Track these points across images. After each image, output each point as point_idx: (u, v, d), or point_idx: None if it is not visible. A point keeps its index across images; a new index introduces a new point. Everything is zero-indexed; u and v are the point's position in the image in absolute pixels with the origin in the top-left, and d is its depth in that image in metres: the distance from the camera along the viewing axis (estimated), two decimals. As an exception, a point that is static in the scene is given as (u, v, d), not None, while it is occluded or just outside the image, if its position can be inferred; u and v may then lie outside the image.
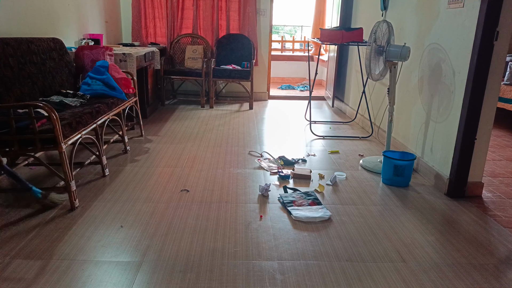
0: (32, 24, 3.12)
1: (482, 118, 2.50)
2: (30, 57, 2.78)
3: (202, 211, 2.33)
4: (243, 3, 5.47)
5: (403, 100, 3.38)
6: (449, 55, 2.67)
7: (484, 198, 2.64)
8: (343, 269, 1.81)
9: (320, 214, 2.28)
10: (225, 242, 2.00)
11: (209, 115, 4.81)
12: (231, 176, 2.86)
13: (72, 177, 2.29)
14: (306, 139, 3.92)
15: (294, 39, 9.32)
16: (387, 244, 2.03)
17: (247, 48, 5.53)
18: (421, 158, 3.03)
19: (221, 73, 5.18)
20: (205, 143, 3.64)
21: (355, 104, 4.69)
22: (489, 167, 3.26)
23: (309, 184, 2.78)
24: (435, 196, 2.64)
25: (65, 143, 2.25)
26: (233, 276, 1.73)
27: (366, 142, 3.87)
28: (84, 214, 2.24)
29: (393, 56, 2.83)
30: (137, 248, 1.92)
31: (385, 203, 2.51)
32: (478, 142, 2.54)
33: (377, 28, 2.86)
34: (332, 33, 3.79)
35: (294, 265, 1.83)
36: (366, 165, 3.13)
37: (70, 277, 1.69)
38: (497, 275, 1.80)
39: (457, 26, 2.57)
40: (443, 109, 2.74)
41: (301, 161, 3.25)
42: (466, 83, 2.48)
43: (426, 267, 1.84)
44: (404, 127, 3.36)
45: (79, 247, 1.92)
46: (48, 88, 2.93)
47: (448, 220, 2.32)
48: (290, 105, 5.65)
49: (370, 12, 4.26)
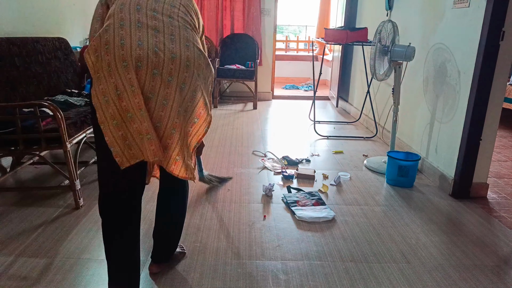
0: (38, 23, 3.14)
1: (488, 118, 2.48)
2: (35, 57, 2.80)
3: (205, 210, 2.33)
4: (247, 3, 5.47)
5: (407, 100, 3.37)
6: (454, 55, 2.65)
7: (489, 199, 2.63)
8: (347, 269, 1.81)
9: (323, 214, 2.28)
10: (229, 242, 2.00)
11: (213, 115, 4.80)
12: (235, 176, 2.87)
13: (76, 176, 2.30)
14: (310, 139, 3.91)
15: (299, 39, 9.31)
16: (391, 245, 2.02)
17: (251, 48, 5.53)
18: (425, 158, 3.01)
19: (225, 73, 5.18)
20: (209, 143, 3.64)
21: (360, 104, 4.68)
22: (494, 168, 3.24)
23: (313, 184, 2.78)
24: (439, 197, 2.63)
25: (70, 142, 2.26)
26: (237, 276, 1.74)
27: (370, 142, 3.86)
28: (89, 213, 2.25)
29: (398, 56, 2.81)
30: (141, 247, 1.92)
31: (389, 204, 2.50)
32: (483, 143, 2.53)
33: (381, 28, 2.85)
34: (337, 33, 3.78)
35: (298, 265, 1.82)
36: (370, 165, 3.12)
37: (75, 276, 1.70)
38: (502, 276, 1.79)
39: (463, 26, 2.56)
40: (448, 109, 2.73)
41: (305, 161, 3.24)
42: (471, 84, 2.47)
43: (431, 268, 1.83)
44: (408, 127, 3.35)
45: (84, 245, 1.93)
46: (53, 87, 2.94)
47: (452, 221, 2.31)
48: (294, 105, 5.64)
49: (375, 12, 4.25)
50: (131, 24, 1.31)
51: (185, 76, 1.36)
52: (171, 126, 1.37)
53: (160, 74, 1.31)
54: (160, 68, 1.31)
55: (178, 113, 1.37)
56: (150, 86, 1.31)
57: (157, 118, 1.34)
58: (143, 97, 1.30)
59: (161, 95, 1.33)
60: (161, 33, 1.34)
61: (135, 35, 1.30)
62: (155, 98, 1.33)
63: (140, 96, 1.29)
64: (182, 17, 1.42)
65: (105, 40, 1.28)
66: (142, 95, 1.30)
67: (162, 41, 1.33)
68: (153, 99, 1.32)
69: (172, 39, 1.35)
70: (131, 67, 1.27)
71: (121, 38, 1.28)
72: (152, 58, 1.29)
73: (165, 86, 1.33)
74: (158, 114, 1.34)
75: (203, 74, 1.43)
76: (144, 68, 1.29)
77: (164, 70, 1.32)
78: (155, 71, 1.30)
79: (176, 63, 1.33)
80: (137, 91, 1.28)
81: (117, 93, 1.28)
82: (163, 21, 1.36)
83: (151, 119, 1.33)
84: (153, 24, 1.34)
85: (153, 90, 1.32)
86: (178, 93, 1.36)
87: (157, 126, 1.35)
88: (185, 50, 1.36)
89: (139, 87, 1.29)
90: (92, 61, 1.30)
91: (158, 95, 1.33)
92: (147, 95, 1.31)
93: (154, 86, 1.32)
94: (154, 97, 1.32)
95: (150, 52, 1.29)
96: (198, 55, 1.40)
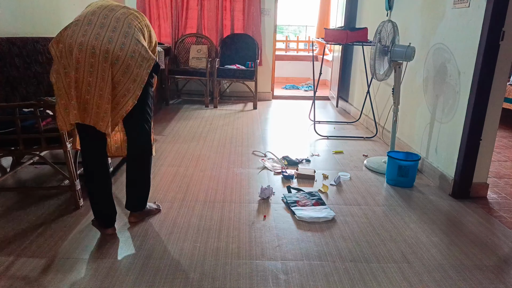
0: (38, 23, 3.14)
1: (488, 118, 2.48)
2: (35, 57, 2.80)
3: (205, 210, 2.33)
4: (247, 3, 5.46)
5: (407, 100, 3.37)
6: (454, 55, 2.65)
7: (489, 199, 2.63)
8: (347, 269, 1.81)
9: (324, 214, 2.28)
10: (229, 242, 2.00)
11: (213, 115, 4.81)
12: (235, 176, 2.87)
13: (76, 176, 2.30)
14: (310, 139, 3.91)
15: (299, 39, 9.32)
16: (391, 245, 2.02)
17: (251, 48, 5.53)
18: (425, 158, 3.01)
19: (225, 73, 5.18)
20: (209, 143, 3.64)
21: (360, 104, 4.68)
22: (494, 168, 3.24)
23: (313, 184, 2.78)
24: (439, 197, 2.63)
25: (70, 142, 2.26)
26: (237, 276, 1.74)
27: (370, 142, 3.86)
28: (89, 213, 2.24)
29: (398, 56, 2.81)
30: (141, 247, 1.93)
31: (389, 204, 2.50)
32: (483, 143, 2.53)
33: (382, 28, 2.85)
34: (337, 33, 3.78)
35: (298, 265, 1.82)
36: (370, 165, 3.12)
37: (74, 276, 1.70)
38: (502, 276, 1.79)
39: (463, 26, 2.56)
40: (448, 109, 2.73)
41: (305, 161, 3.24)
42: (471, 84, 2.47)
43: (431, 268, 1.83)
44: (408, 127, 3.35)
45: (84, 245, 1.93)
46: (53, 87, 2.94)
47: (452, 221, 2.31)
48: (294, 105, 5.64)
49: (375, 12, 4.25)
50: (83, 22, 1.78)
51: (118, 55, 1.76)
52: (98, 96, 1.79)
53: (98, 55, 1.74)
54: (98, 51, 1.74)
55: (113, 86, 1.80)
56: (89, 63, 1.74)
57: (86, 89, 1.78)
58: (84, 72, 1.75)
59: (100, 69, 1.75)
60: (105, 27, 1.78)
61: (87, 29, 1.76)
62: (95, 72, 1.75)
63: (81, 72, 1.75)
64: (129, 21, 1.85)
65: (64, 34, 1.77)
66: (84, 71, 1.74)
67: (103, 33, 1.76)
68: (93, 73, 1.76)
69: (114, 31, 1.78)
70: (75, 51, 1.73)
71: (73, 32, 1.75)
72: (92, 42, 1.73)
73: (101, 62, 1.75)
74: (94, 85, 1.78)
75: (140, 58, 1.83)
76: (84, 50, 1.73)
77: (101, 52, 1.74)
78: (93, 51, 1.74)
79: (112, 46, 1.75)
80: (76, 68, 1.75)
81: (64, 71, 1.77)
82: (110, 20, 1.81)
83: (81, 91, 1.78)
84: (100, 22, 1.79)
85: (92, 67, 1.75)
86: (109, 68, 1.76)
87: (86, 98, 1.79)
88: (122, 39, 1.78)
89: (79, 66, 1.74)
90: (54, 48, 1.78)
91: (98, 70, 1.75)
92: (88, 69, 1.75)
93: (93, 63, 1.74)
94: (94, 71, 1.75)
95: (91, 39, 1.73)
96: (136, 43, 1.82)
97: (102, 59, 1.74)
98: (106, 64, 1.75)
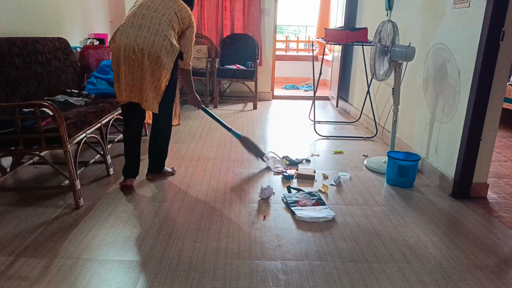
0: (38, 23, 3.14)
1: (488, 118, 2.49)
2: (35, 57, 2.80)
3: (206, 210, 2.33)
4: (247, 3, 5.47)
5: (407, 100, 3.37)
6: (454, 55, 2.65)
7: (489, 199, 2.63)
8: (347, 269, 1.81)
9: (323, 214, 2.28)
10: (229, 242, 2.00)
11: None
12: (235, 176, 2.87)
13: (76, 176, 2.30)
14: (310, 139, 3.91)
15: (299, 39, 9.32)
16: (391, 245, 2.02)
17: (251, 48, 5.53)
18: (425, 158, 3.01)
19: (225, 73, 5.18)
20: (209, 143, 3.64)
21: (360, 104, 4.68)
22: (494, 168, 3.24)
23: (313, 184, 2.78)
24: (439, 197, 2.63)
25: (70, 142, 2.26)
26: (237, 276, 1.74)
27: (370, 142, 3.86)
28: (89, 213, 2.25)
29: (398, 56, 2.81)
30: (141, 247, 1.93)
31: (389, 204, 2.50)
32: (483, 143, 2.53)
33: (382, 28, 2.85)
34: (337, 33, 3.78)
35: (298, 265, 1.82)
36: (370, 165, 3.12)
37: (75, 276, 1.70)
38: (502, 276, 1.79)
39: (463, 26, 2.56)
40: (448, 109, 2.73)
41: (305, 161, 3.24)
42: (471, 84, 2.47)
43: (430, 268, 1.83)
44: (408, 127, 3.35)
45: (83, 246, 1.93)
46: (53, 87, 2.95)
47: (452, 221, 2.31)
48: (294, 105, 5.64)
49: (375, 12, 4.25)
50: (127, 25, 2.36)
51: (150, 51, 2.31)
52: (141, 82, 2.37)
53: (137, 53, 2.31)
54: (136, 49, 2.31)
55: (150, 74, 2.37)
56: (131, 59, 2.32)
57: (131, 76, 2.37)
58: (128, 65, 2.34)
59: (139, 63, 2.32)
60: (142, 28, 2.33)
61: (129, 31, 2.34)
62: (136, 65, 2.33)
63: (127, 65, 2.34)
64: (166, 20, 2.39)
65: (116, 35, 2.37)
66: (129, 64, 2.33)
67: (140, 34, 2.31)
68: (135, 65, 2.33)
69: (148, 31, 2.32)
70: (122, 51, 2.34)
71: (121, 34, 2.35)
72: (132, 43, 2.30)
73: (139, 58, 2.31)
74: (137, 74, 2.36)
75: (166, 51, 2.37)
76: (127, 50, 2.31)
77: (138, 50, 2.31)
78: (133, 50, 2.31)
79: (145, 44, 2.31)
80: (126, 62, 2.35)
81: (116, 63, 2.38)
82: (146, 21, 2.35)
83: (128, 78, 2.37)
84: (138, 24, 2.35)
85: (133, 62, 2.32)
86: (146, 61, 2.32)
87: (131, 83, 2.38)
88: (153, 37, 2.32)
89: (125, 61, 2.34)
90: (111, 46, 2.37)
91: (138, 63, 2.32)
92: (131, 63, 2.33)
93: (134, 59, 2.31)
94: (135, 64, 2.33)
95: (131, 40, 2.31)
96: (164, 39, 2.35)
97: (140, 56, 2.30)
98: (143, 58, 2.30)
